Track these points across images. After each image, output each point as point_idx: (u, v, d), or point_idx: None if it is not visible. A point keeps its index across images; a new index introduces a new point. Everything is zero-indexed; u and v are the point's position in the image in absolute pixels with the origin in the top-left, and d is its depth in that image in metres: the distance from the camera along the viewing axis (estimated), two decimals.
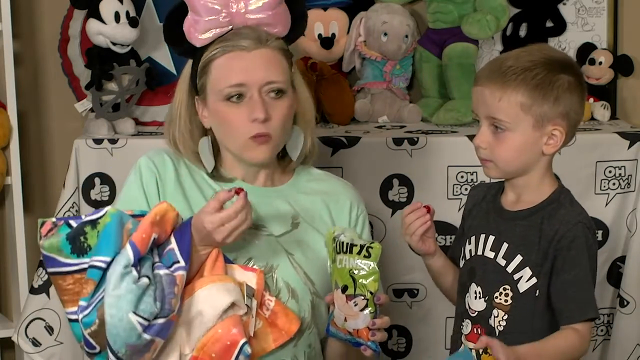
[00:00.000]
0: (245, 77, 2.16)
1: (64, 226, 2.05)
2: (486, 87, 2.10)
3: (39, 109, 3.21)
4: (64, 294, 2.05)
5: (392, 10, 3.16)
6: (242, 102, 2.17)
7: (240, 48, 2.17)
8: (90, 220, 2.04)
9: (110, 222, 2.03)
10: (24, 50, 3.17)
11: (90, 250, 2.02)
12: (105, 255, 2.01)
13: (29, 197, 3.15)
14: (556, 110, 2.08)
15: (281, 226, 2.23)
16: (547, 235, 2.09)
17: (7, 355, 3.25)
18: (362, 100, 3.17)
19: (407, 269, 2.89)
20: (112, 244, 2.01)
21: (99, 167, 2.87)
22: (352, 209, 2.31)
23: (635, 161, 2.96)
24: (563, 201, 2.14)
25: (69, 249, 2.03)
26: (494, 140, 2.11)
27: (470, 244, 2.20)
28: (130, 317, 1.97)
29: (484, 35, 3.12)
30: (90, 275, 2.01)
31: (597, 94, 3.24)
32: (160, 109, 3.03)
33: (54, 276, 2.05)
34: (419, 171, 2.89)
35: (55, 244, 2.03)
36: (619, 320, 3.00)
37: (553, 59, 2.11)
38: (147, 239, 2.02)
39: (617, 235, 2.99)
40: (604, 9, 3.30)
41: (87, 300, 2.01)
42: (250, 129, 2.16)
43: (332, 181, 2.37)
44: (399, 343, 2.98)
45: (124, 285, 1.97)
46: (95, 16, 2.93)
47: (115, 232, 2.02)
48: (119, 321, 1.97)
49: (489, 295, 2.14)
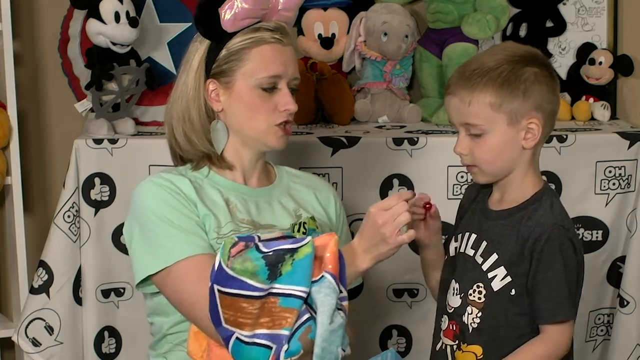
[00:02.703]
0: (283, 70, 2.28)
1: (254, 250, 2.00)
2: (455, 94, 2.12)
3: (39, 109, 3.21)
4: (247, 317, 1.99)
5: (392, 10, 3.16)
6: (273, 93, 2.27)
7: (279, 42, 2.28)
8: (291, 249, 1.99)
9: (310, 252, 1.99)
10: (24, 50, 3.17)
11: (280, 276, 1.99)
12: (304, 285, 1.98)
13: (29, 197, 3.15)
14: (527, 103, 2.08)
15: (287, 220, 2.30)
16: (523, 235, 2.10)
17: (7, 355, 3.25)
18: (362, 100, 3.17)
19: (407, 269, 2.89)
20: (308, 275, 1.99)
21: (99, 167, 2.87)
22: (336, 202, 2.44)
23: (635, 161, 2.96)
24: (544, 202, 2.13)
25: (266, 275, 1.98)
26: (474, 145, 2.12)
27: (456, 242, 2.22)
28: (339, 351, 1.99)
29: (484, 35, 3.12)
30: (293, 305, 1.98)
31: (597, 94, 3.24)
32: (160, 109, 3.03)
33: (238, 298, 1.99)
34: (419, 171, 2.89)
35: (250, 268, 1.98)
36: (619, 320, 3.00)
37: (516, 55, 2.11)
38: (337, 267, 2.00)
39: (617, 235, 2.99)
40: (604, 9, 3.30)
41: (289, 330, 1.98)
42: (278, 117, 2.27)
43: (312, 177, 2.48)
44: (399, 343, 2.98)
45: (337, 320, 1.98)
46: (95, 16, 2.93)
47: (311, 263, 1.99)
48: (329, 354, 1.97)
49: (464, 292, 2.16)
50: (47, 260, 2.87)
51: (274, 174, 2.41)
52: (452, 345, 2.17)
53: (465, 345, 2.15)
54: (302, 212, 2.33)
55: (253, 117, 2.28)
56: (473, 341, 2.14)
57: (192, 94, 2.31)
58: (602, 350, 3.07)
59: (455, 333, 2.17)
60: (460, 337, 2.16)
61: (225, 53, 2.27)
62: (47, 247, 2.88)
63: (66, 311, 2.89)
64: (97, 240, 2.87)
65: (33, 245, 3.10)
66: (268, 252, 1.98)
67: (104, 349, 2.94)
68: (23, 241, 3.00)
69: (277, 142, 2.29)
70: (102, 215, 2.86)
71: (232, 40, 2.27)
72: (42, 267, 2.87)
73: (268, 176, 2.39)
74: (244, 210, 2.27)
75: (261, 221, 2.28)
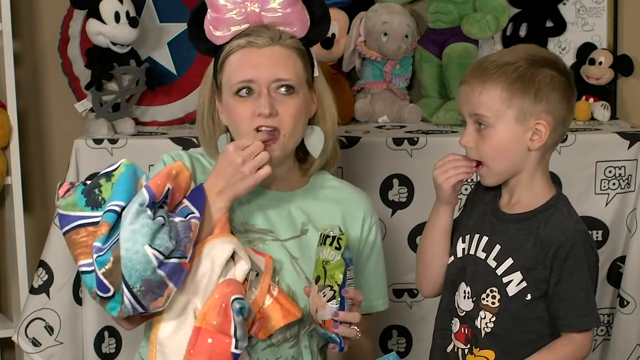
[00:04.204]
0: (254, 74, 2.19)
1: (80, 185, 2.11)
2: (468, 83, 2.10)
3: (39, 109, 3.21)
4: (77, 247, 2.08)
5: (392, 10, 3.16)
6: (250, 97, 2.20)
7: (253, 45, 2.21)
8: (105, 172, 2.10)
9: (124, 171, 2.08)
10: (24, 50, 3.17)
11: (104, 203, 2.07)
12: (120, 200, 2.06)
13: (29, 197, 3.15)
14: (538, 104, 2.06)
15: (289, 231, 2.25)
16: (543, 241, 2.07)
17: (7, 355, 3.25)
18: (362, 100, 3.17)
19: (407, 269, 2.89)
20: (126, 191, 2.06)
21: (99, 167, 2.84)
22: (364, 221, 2.32)
23: (635, 161, 2.96)
24: (561, 208, 2.11)
25: (83, 202, 2.08)
26: (479, 138, 2.10)
27: (464, 243, 2.19)
28: (145, 249, 2.00)
29: (484, 35, 3.12)
30: (105, 219, 2.04)
31: (597, 94, 3.24)
32: (160, 109, 3.03)
33: (68, 234, 2.09)
34: (419, 171, 2.89)
35: (70, 201, 2.08)
36: (619, 320, 3.00)
37: (537, 55, 2.10)
38: (162, 186, 2.07)
39: (617, 235, 2.99)
40: (604, 9, 3.30)
41: (101, 241, 2.04)
42: (253, 122, 2.19)
43: (347, 190, 2.37)
44: (399, 343, 2.98)
45: (139, 220, 2.01)
46: (95, 16, 2.93)
47: (129, 181, 2.08)
48: (135, 254, 2.00)
49: (477, 296, 2.13)
50: (47, 260, 2.87)
51: (306, 181, 2.32)
52: (463, 349, 2.15)
53: (477, 349, 2.12)
54: (309, 227, 2.26)
55: (236, 127, 2.23)
56: (486, 345, 2.12)
57: (200, 109, 2.31)
58: (602, 350, 3.07)
59: (467, 337, 2.14)
60: (472, 340, 2.13)
61: (218, 66, 2.25)
62: (47, 247, 2.88)
63: (66, 311, 2.89)
64: None
65: (33, 245, 3.09)
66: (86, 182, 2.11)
67: (104, 349, 2.94)
68: (23, 241, 3.00)
69: None
70: None
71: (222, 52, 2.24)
72: (42, 267, 2.87)
73: (293, 183, 2.30)
74: (241, 212, 2.24)
75: (258, 225, 2.24)
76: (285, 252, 2.22)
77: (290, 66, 2.22)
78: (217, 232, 2.14)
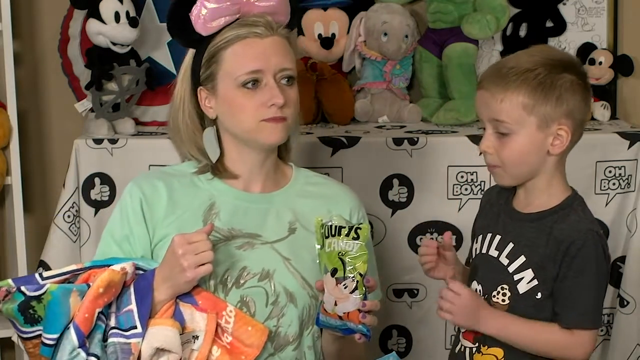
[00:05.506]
0: (261, 64, 2.17)
1: (17, 293, 2.11)
2: (488, 89, 2.09)
3: (39, 109, 3.21)
4: (30, 356, 2.15)
5: (392, 10, 3.16)
6: (257, 88, 2.18)
7: (255, 35, 2.18)
8: (35, 296, 2.10)
9: (52, 300, 2.09)
10: (24, 50, 3.17)
11: (42, 319, 2.10)
12: (53, 333, 2.08)
13: (29, 197, 3.15)
14: (559, 109, 2.06)
15: (277, 232, 2.23)
16: (555, 239, 2.07)
17: (7, 355, 3.25)
18: (362, 100, 3.17)
19: (407, 269, 2.89)
20: (57, 321, 2.09)
21: (99, 167, 2.87)
22: (351, 216, 2.30)
23: (635, 161, 2.96)
24: (576, 207, 2.12)
25: (22, 320, 2.10)
26: (499, 144, 2.09)
27: (477, 243, 2.20)
28: None
29: (484, 35, 3.12)
30: (42, 352, 2.10)
31: (597, 94, 3.23)
32: (160, 109, 3.03)
33: (19, 338, 2.14)
34: (419, 171, 2.89)
35: (10, 311, 2.10)
36: (619, 320, 3.00)
37: (555, 59, 2.10)
38: (90, 317, 2.08)
39: (617, 235, 2.99)
40: (604, 9, 3.30)
41: None
42: (264, 112, 2.17)
43: (332, 185, 2.36)
44: (399, 343, 2.98)
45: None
46: (95, 16, 2.93)
47: (59, 309, 2.09)
48: None
49: (488, 294, 2.13)
50: (47, 260, 2.87)
51: (289, 178, 2.32)
52: (471, 348, 2.15)
53: (485, 347, 2.12)
54: (297, 226, 2.23)
55: (241, 118, 2.18)
56: (494, 344, 2.11)
57: (178, 104, 2.27)
58: (602, 350, 3.07)
59: (475, 335, 2.14)
60: (481, 339, 2.13)
61: (207, 57, 2.21)
62: (47, 247, 2.88)
63: None
64: (97, 240, 2.85)
65: (33, 245, 3.09)
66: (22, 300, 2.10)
67: None
68: (23, 241, 3.00)
69: (269, 138, 2.19)
70: (102, 215, 2.86)
71: (211, 42, 2.20)
72: (42, 267, 2.87)
73: (277, 181, 2.29)
74: (226, 218, 2.21)
75: (245, 229, 2.21)
76: (276, 255, 2.21)
77: (290, 56, 2.22)
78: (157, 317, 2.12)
